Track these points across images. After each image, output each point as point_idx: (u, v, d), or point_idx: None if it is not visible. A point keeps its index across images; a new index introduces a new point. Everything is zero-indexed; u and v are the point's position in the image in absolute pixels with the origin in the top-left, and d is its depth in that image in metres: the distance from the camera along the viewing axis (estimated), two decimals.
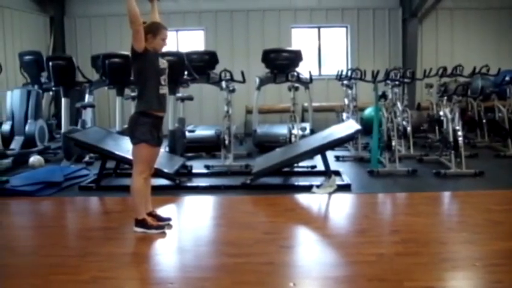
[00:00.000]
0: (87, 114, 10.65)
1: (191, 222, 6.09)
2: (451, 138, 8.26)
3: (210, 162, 9.01)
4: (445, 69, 11.57)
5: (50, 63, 9.49)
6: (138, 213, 5.47)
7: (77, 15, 14.49)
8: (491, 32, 14.21)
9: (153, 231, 5.43)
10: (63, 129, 9.53)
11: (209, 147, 10.16)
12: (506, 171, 8.44)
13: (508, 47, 14.24)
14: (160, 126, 5.56)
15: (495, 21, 14.22)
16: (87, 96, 10.64)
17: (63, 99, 9.61)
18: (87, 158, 9.50)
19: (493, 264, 4.41)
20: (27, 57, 11.47)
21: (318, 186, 7.27)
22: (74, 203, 7.13)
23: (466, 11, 14.24)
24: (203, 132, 11.07)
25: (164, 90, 5.46)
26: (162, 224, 5.55)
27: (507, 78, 10.53)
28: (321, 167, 7.92)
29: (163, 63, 5.49)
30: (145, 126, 5.33)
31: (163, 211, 6.54)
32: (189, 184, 7.89)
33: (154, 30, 5.31)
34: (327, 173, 7.51)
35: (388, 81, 9.84)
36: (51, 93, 11.98)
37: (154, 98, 5.36)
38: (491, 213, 5.99)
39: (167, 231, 5.50)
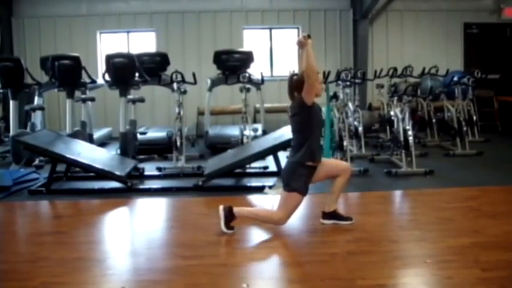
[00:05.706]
0: (37, 117, 10.47)
1: (143, 225, 6.02)
2: (401, 138, 8.36)
3: (162, 164, 8.94)
4: (395, 69, 11.73)
5: None
6: (240, 216, 5.43)
7: (25, 16, 14.15)
8: (440, 34, 14.47)
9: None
10: (11, 133, 9.32)
11: (161, 149, 10.08)
12: (455, 170, 8.60)
13: (456, 48, 14.53)
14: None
15: (444, 23, 14.47)
16: (36, 98, 10.42)
17: (11, 102, 9.38)
18: (36, 162, 9.31)
19: (444, 261, 4.49)
20: None
21: (270, 187, 7.29)
22: (23, 207, 6.99)
23: (416, 12, 14.46)
24: (155, 134, 11.00)
25: (322, 141, 5.40)
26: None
27: (455, 79, 10.80)
28: (273, 167, 7.95)
29: (323, 114, 5.46)
30: (302, 177, 5.29)
31: (114, 214, 6.52)
32: (141, 186, 7.82)
33: None
34: (279, 173, 7.52)
35: (340, 82, 9.95)
36: None
37: (316, 150, 5.35)
38: (442, 211, 6.10)
39: (120, 234, 5.43)
